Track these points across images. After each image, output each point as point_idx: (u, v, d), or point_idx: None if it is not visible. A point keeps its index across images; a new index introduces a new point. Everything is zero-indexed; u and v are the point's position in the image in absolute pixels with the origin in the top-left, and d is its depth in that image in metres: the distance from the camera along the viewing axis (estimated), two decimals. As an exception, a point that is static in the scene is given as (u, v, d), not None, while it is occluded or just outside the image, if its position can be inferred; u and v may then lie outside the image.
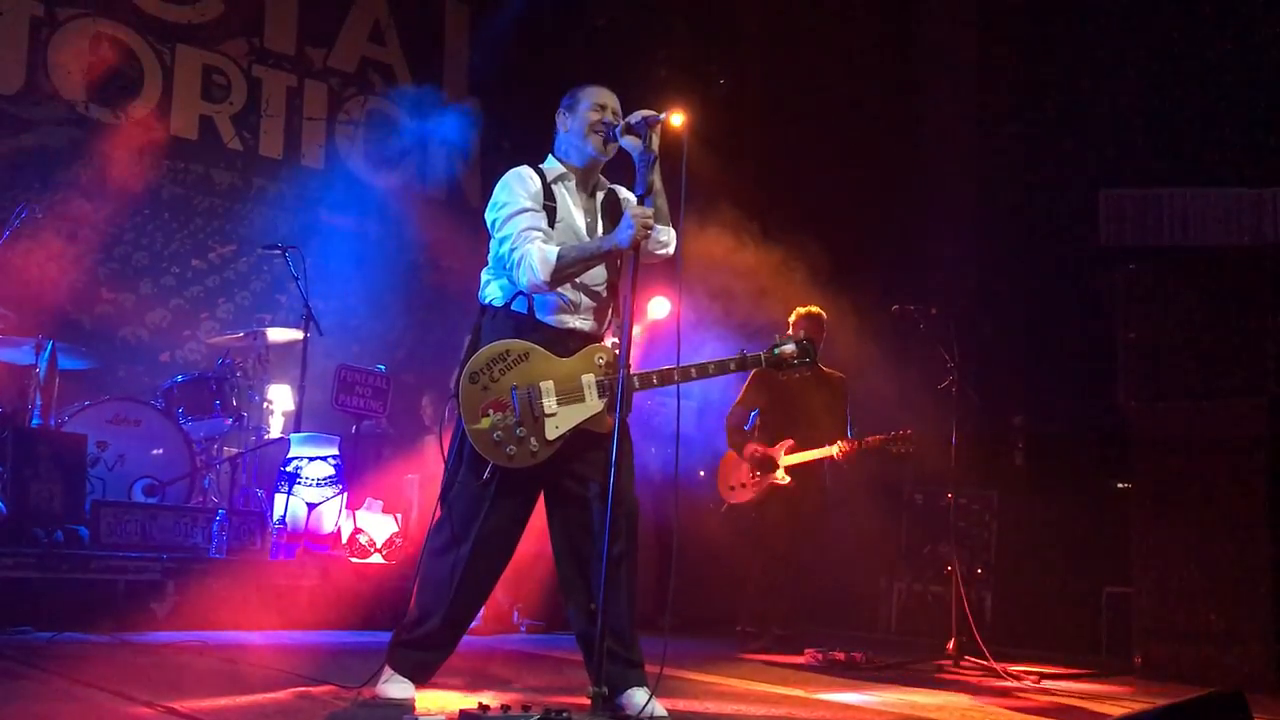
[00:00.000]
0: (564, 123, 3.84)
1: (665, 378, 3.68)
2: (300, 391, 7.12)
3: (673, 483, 6.99)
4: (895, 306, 6.23)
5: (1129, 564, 6.10)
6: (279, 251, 7.27)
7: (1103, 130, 8.03)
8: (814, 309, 6.47)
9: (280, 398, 7.47)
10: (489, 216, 3.79)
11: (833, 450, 6.14)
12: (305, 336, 7.08)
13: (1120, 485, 6.79)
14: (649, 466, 7.06)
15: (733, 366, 3.82)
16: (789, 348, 3.85)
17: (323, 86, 9.21)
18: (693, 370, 3.71)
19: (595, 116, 3.75)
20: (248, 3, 8.81)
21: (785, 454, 6.29)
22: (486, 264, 3.85)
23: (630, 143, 3.66)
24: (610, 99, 3.81)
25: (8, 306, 6.38)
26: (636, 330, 7.10)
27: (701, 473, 7.24)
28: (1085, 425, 7.45)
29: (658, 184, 3.69)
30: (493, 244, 3.78)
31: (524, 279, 3.61)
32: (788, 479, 6.26)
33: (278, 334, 7.29)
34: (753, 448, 6.36)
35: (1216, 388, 5.82)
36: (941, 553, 7.00)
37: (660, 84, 8.85)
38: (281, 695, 3.73)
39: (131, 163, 8.06)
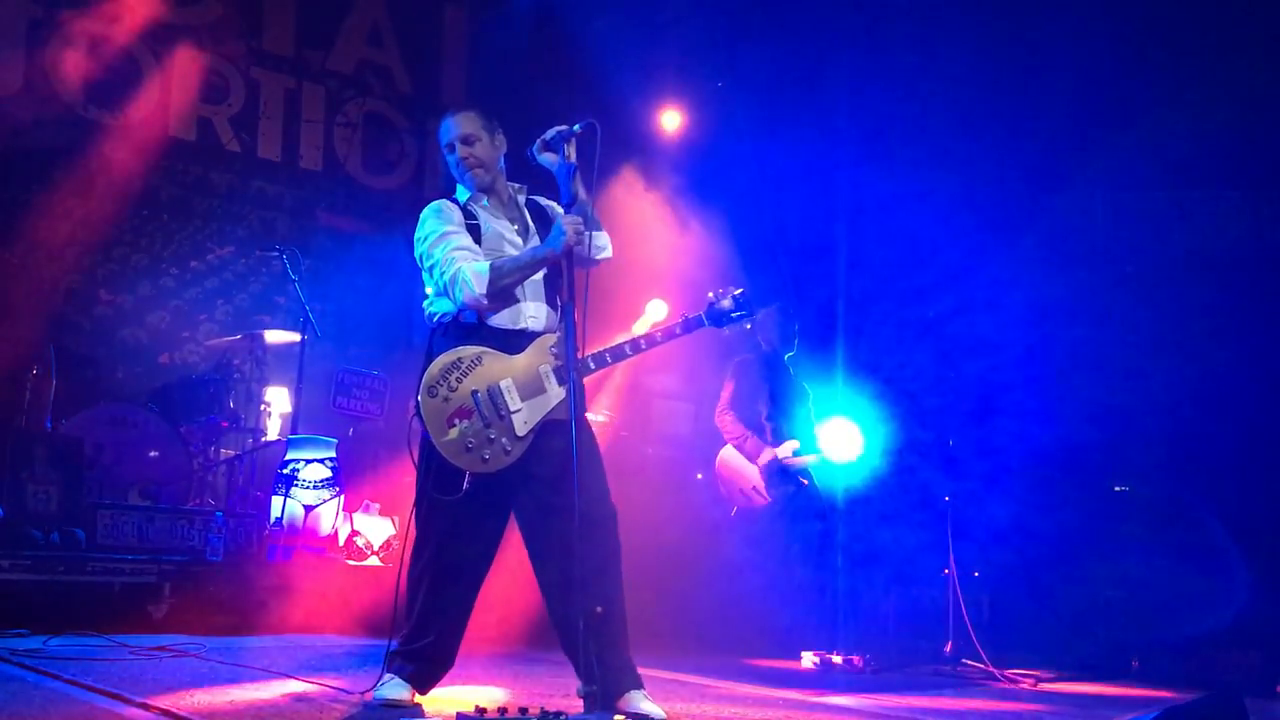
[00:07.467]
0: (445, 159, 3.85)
1: (617, 353, 3.70)
2: (298, 394, 7.11)
3: (671, 486, 6.97)
4: (893, 308, 6.23)
5: (1127, 566, 6.09)
6: (277, 253, 7.27)
7: (1100, 130, 8.02)
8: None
9: (278, 400, 7.47)
10: (417, 251, 3.80)
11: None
12: (303, 338, 7.07)
13: (1119, 488, 6.79)
14: (646, 468, 7.05)
15: (678, 331, 3.85)
16: (726, 302, 3.87)
17: (321, 89, 9.20)
18: (642, 342, 3.75)
19: (454, 157, 3.77)
20: (246, 4, 8.81)
21: (792, 454, 6.29)
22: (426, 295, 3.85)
23: (548, 160, 3.66)
24: (454, 129, 3.76)
25: (6, 307, 6.37)
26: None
27: (699, 475, 7.23)
28: (1084, 427, 7.44)
29: (582, 193, 3.68)
30: (424, 276, 3.79)
31: (460, 295, 3.60)
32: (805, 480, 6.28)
33: (276, 336, 7.28)
34: (770, 452, 6.32)
35: (1215, 387, 5.82)
36: (939, 554, 6.98)
37: (658, 85, 8.84)
38: (278, 698, 3.72)
39: (130, 164, 8.06)
